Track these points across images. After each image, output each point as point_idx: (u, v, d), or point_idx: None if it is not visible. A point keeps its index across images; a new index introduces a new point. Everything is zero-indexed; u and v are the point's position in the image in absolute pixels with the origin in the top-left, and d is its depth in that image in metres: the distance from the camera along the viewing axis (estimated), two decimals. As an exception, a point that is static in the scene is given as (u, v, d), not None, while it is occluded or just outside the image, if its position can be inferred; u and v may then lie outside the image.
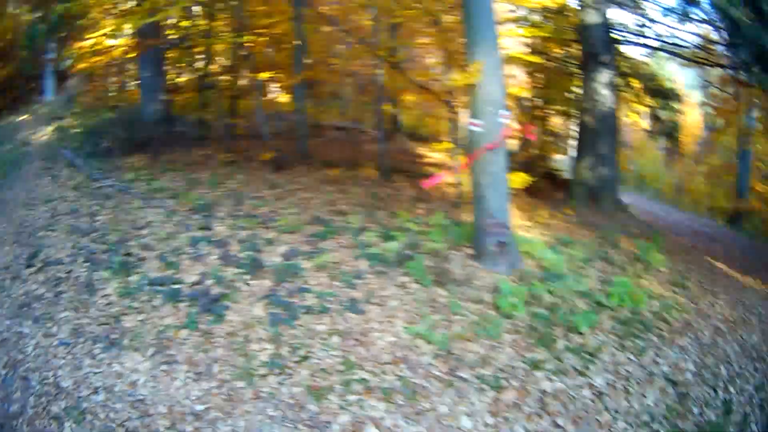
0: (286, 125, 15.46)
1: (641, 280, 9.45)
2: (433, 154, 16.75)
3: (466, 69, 8.26)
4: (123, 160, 12.34)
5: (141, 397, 5.61)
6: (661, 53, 17.77)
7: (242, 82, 16.54)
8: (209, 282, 7.41)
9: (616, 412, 6.12)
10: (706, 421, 6.27)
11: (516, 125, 18.59)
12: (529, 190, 13.84)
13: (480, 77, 7.98)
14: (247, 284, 7.47)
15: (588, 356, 6.94)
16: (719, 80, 22.06)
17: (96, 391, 5.67)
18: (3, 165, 13.75)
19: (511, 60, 16.50)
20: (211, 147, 13.89)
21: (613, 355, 7.09)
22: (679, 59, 17.02)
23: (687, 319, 8.55)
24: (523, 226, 11.08)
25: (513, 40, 17.12)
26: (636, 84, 17.91)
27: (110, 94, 19.98)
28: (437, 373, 6.29)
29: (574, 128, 17.85)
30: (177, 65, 17.47)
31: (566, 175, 18.13)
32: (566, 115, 19.61)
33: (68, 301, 7.11)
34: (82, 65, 17.79)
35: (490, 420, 5.76)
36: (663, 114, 19.36)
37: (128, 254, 8.01)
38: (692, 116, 34.73)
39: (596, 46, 13.83)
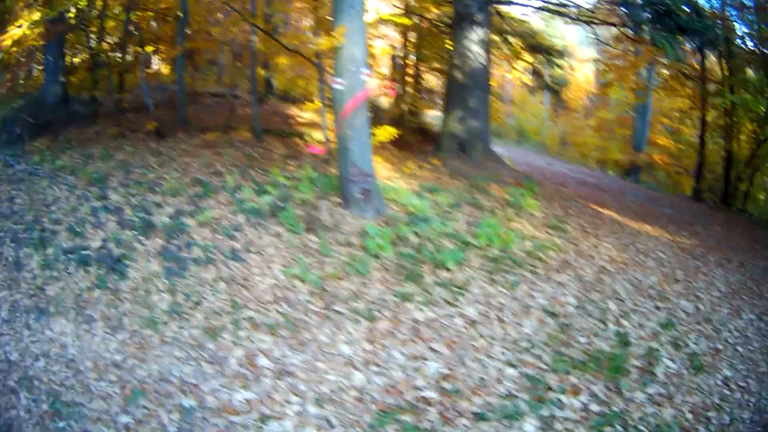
0: (167, 96, 16.05)
1: (512, 223, 10.08)
2: (303, 114, 17.46)
3: (331, 33, 8.92)
4: (30, 144, 12.48)
5: (71, 357, 6.04)
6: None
7: (129, 57, 17.00)
8: (111, 245, 7.96)
9: (492, 338, 6.69)
10: (596, 349, 6.65)
11: (382, 82, 19.38)
12: (400, 144, 14.74)
13: (343, 40, 8.70)
14: (142, 244, 8.07)
15: (457, 289, 7.60)
16: (612, 38, 21.97)
17: (37, 359, 6.04)
18: None
19: (384, 21, 17.24)
20: (102, 123, 14.14)
21: (483, 289, 7.75)
22: (564, 17, 16.89)
23: (565, 258, 9.17)
24: (391, 177, 11.69)
25: (387, 2, 18.00)
26: (515, 41, 18.52)
27: (21, 82, 19.88)
28: (315, 309, 7.00)
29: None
30: (74, 47, 17.56)
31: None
32: (441, 72, 19.62)
33: (2, 281, 7.42)
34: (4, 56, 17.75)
35: (368, 347, 6.40)
36: (544, 70, 20.23)
37: (43, 230, 8.47)
38: (584, 72, 35.59)
39: (470, 6, 14.13)
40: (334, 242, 8.42)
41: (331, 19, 9.55)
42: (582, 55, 34.30)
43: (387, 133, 11.56)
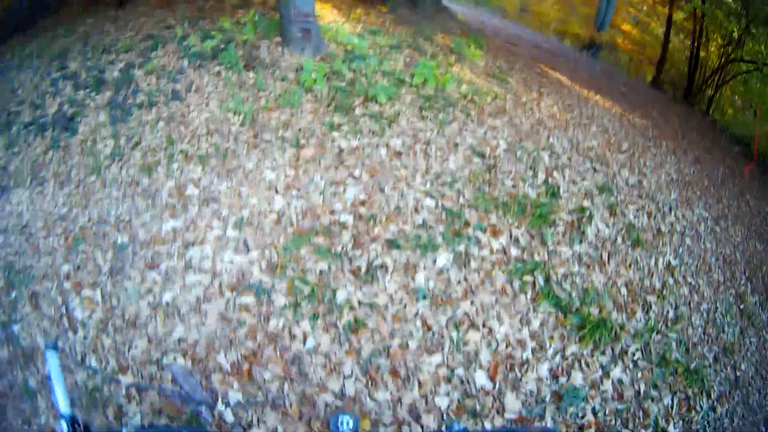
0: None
1: (452, 68, 9.62)
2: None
3: None
4: (4, 45, 12.01)
5: (25, 223, 5.94)
6: None
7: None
8: (66, 107, 7.72)
9: (414, 169, 6.41)
10: (522, 194, 6.42)
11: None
12: None
13: None
14: (93, 100, 7.75)
15: (385, 121, 7.23)
16: None
17: (-1, 237, 5.80)
18: None
19: None
20: (69, 3, 13.71)
21: (411, 123, 7.36)
22: None
23: (502, 105, 8.77)
24: (336, 21, 11.11)
25: None
26: None
27: None
28: (244, 138, 6.65)
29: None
30: None
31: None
32: None
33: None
34: None
35: (290, 172, 6.15)
36: None
37: (9, 114, 8.17)
38: None
39: None
40: (270, 78, 7.95)
41: None
42: None
43: None
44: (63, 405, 2.15)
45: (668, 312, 5.66)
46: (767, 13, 14.47)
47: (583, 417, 4.46)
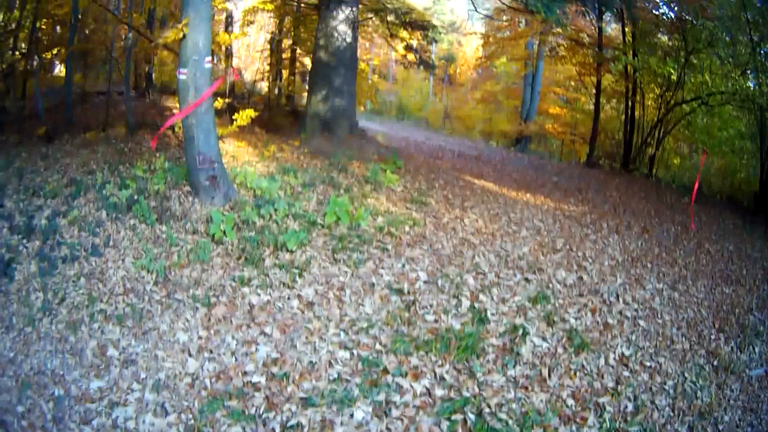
0: (60, 98, 15.73)
1: (367, 200, 10.04)
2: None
3: (176, 25, 8.78)
4: None
5: None
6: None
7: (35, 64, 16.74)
8: (2, 251, 7.82)
9: (328, 319, 6.52)
10: (445, 328, 6.28)
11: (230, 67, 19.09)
12: (271, 127, 15.02)
13: (187, 30, 8.54)
14: (25, 247, 7.94)
15: (296, 270, 7.54)
16: (495, 10, 22.28)
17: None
18: None
19: (256, 9, 17.74)
20: (7, 131, 14.14)
21: (324, 269, 7.72)
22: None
23: (421, 232, 9.07)
24: (251, 161, 11.63)
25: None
26: (391, 19, 18.03)
27: None
28: (158, 298, 6.95)
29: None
30: None
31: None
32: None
33: None
34: None
35: (203, 333, 6.31)
36: (427, 45, 20.01)
37: None
38: (471, 47, 35.59)
39: None
40: (182, 231, 8.35)
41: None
42: (469, 29, 34.35)
43: (246, 116, 11.68)
44: None
45: (626, 406, 5.29)
46: (709, 30, 14.60)
47: None
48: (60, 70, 21.43)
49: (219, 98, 12.85)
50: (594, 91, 20.14)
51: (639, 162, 18.24)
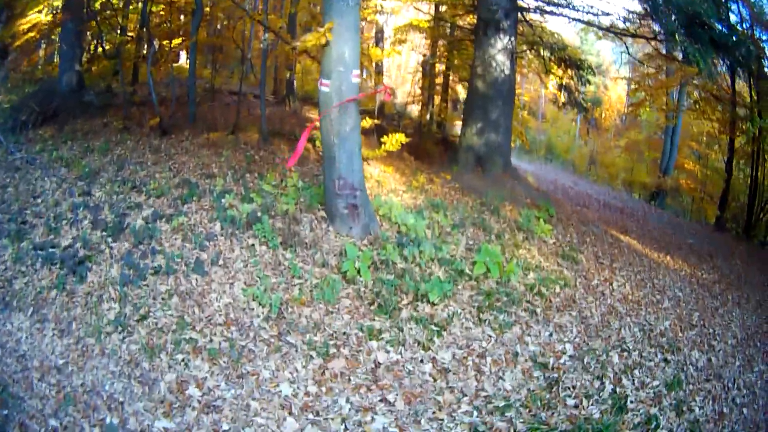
0: (183, 90, 15.00)
1: (519, 250, 8.91)
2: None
3: (318, 29, 7.72)
4: (36, 132, 11.96)
5: (23, 353, 5.49)
6: (579, 24, 16.74)
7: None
8: (78, 246, 7.18)
9: (462, 392, 5.51)
10: (584, 416, 5.42)
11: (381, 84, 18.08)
12: (420, 154, 13.89)
13: (331, 37, 7.49)
14: (110, 246, 7.20)
15: (435, 328, 6.43)
16: (644, 55, 20.17)
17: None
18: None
19: (411, 27, 16.54)
20: (112, 115, 13.47)
21: (466, 330, 6.57)
22: (596, 30, 16.27)
23: (571, 294, 7.97)
24: (397, 190, 10.61)
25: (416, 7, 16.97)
26: (546, 54, 16.63)
27: (39, 68, 19.04)
28: (265, 336, 5.96)
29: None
30: (94, 37, 17.21)
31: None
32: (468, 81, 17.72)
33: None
34: (19, 41, 16.88)
35: (312, 389, 5.29)
36: (576, 86, 17.93)
37: (24, 222, 7.87)
38: (617, 92, 34.41)
39: (495, 11, 12.99)
40: (309, 261, 7.33)
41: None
42: (615, 74, 33.30)
43: (396, 141, 10.64)
44: None
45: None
46: None
47: None
48: (186, 60, 20.47)
49: (367, 117, 12.09)
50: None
51: (757, 228, 17.20)
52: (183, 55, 20.68)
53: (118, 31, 16.33)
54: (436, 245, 7.96)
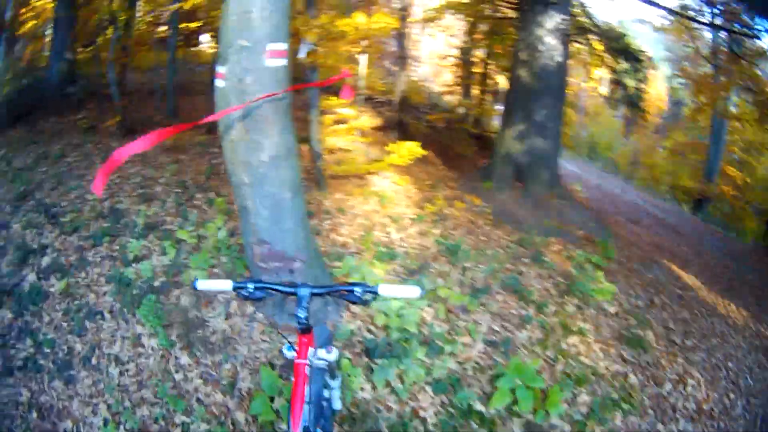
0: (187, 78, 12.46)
1: (567, 339, 5.21)
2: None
3: None
4: (5, 134, 9.11)
5: None
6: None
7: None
8: None
9: None
10: None
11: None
12: (448, 155, 10.75)
13: None
14: None
15: None
16: (693, 55, 18.80)
17: None
18: None
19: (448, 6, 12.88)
20: (86, 110, 10.25)
21: None
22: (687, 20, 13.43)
23: (635, 425, 4.56)
24: (400, 221, 6.95)
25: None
26: (596, 44, 13.06)
27: (42, 56, 15.92)
28: None
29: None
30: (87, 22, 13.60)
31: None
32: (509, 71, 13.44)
33: None
34: (24, 28, 13.87)
35: None
36: (627, 80, 14.31)
37: None
38: (656, 89, 30.94)
39: None
40: (212, 376, 4.04)
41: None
42: (655, 71, 30.17)
43: (407, 153, 7.46)
44: None
45: None
46: None
47: None
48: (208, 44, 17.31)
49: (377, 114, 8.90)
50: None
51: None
52: (204, 37, 17.15)
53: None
54: (431, 352, 4.29)
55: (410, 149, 7.46)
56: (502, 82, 15.15)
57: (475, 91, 15.82)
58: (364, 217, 6.71)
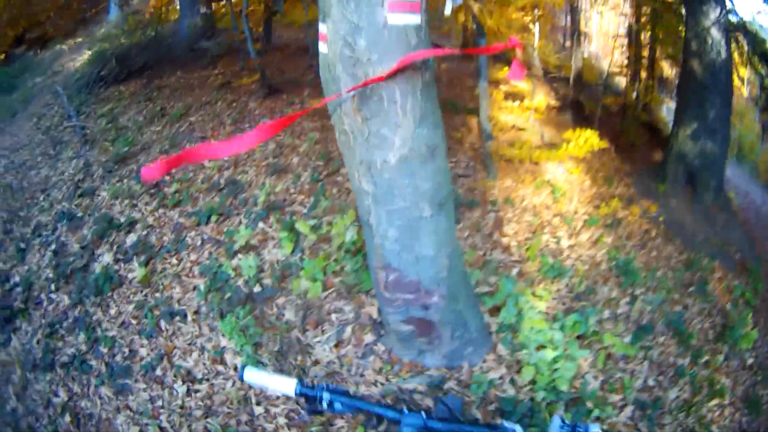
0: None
1: (711, 402, 3.96)
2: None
3: None
4: (116, 88, 8.63)
5: None
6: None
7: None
8: (19, 290, 4.52)
9: None
10: None
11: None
12: (620, 144, 9.77)
13: None
14: (49, 299, 4.37)
15: None
16: None
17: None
18: (16, 102, 10.19)
19: None
20: (223, 66, 9.33)
21: None
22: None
23: None
24: (577, 218, 5.95)
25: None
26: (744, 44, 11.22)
27: (170, 8, 15.00)
28: None
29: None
30: None
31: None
32: (675, 60, 12.33)
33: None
34: None
35: None
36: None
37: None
38: None
39: None
40: None
41: None
42: None
43: (586, 144, 6.88)
44: None
45: None
46: None
47: None
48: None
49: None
50: None
51: None
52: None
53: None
54: (580, 410, 3.07)
55: (589, 139, 6.70)
56: (666, 69, 14.38)
57: (643, 74, 14.29)
58: (533, 213, 5.71)
